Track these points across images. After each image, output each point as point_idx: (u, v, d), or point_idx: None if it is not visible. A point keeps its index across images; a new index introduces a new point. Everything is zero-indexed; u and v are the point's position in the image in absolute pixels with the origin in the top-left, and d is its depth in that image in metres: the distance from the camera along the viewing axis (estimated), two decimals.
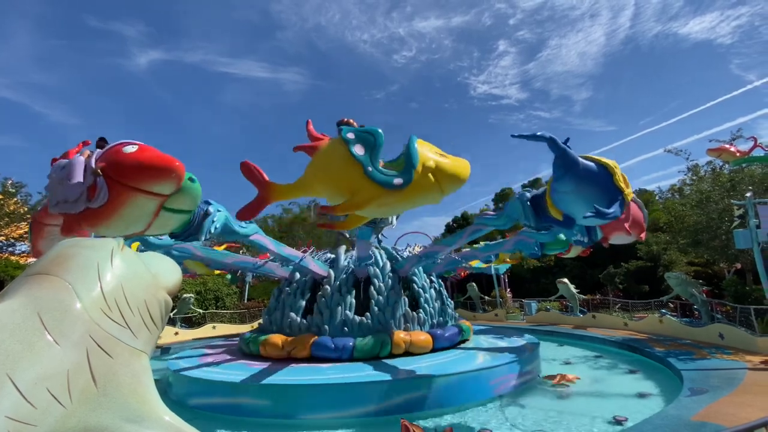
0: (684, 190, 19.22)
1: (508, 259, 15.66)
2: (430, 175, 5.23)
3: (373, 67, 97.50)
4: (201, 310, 20.72)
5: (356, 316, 9.37)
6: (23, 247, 21.47)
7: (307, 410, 6.88)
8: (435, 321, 10.17)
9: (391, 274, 10.25)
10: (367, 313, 9.45)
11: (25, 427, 1.61)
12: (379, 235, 12.86)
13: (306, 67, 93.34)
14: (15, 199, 20.44)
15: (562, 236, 8.64)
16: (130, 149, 4.32)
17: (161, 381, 8.59)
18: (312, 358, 8.75)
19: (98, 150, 4.61)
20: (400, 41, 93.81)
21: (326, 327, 9.27)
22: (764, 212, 10.87)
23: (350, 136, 5.37)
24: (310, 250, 11.99)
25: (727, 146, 11.53)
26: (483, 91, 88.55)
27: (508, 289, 25.08)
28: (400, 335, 9.05)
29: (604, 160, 6.18)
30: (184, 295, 19.43)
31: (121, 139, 4.57)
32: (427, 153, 5.36)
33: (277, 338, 9.28)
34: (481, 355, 8.97)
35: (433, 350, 9.29)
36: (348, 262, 10.60)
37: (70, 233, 4.28)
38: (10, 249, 21.27)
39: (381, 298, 9.70)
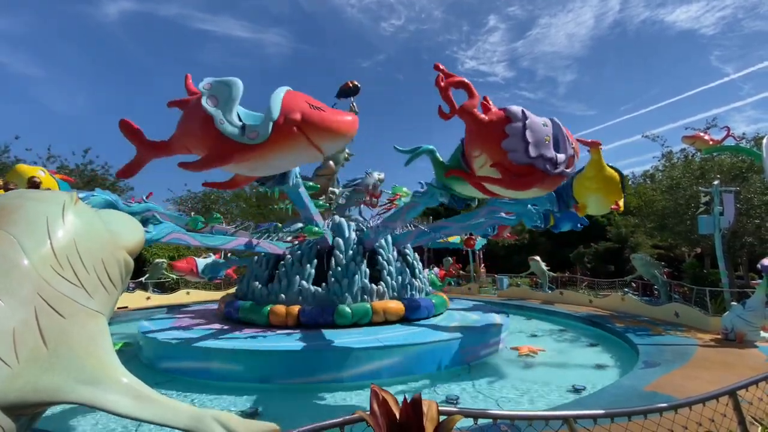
0: (656, 176, 19.85)
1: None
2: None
3: (360, 33, 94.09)
4: (174, 276, 20.32)
5: (311, 287, 9.41)
6: None
7: (275, 376, 6.97)
8: (396, 294, 10.09)
9: (355, 246, 10.14)
10: (324, 284, 9.48)
11: None
12: (350, 205, 12.82)
13: (289, 29, 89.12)
14: None
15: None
16: None
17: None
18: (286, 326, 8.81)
19: None
20: (389, 8, 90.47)
21: (282, 296, 9.40)
22: (728, 200, 11.34)
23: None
24: (267, 225, 11.62)
25: (702, 134, 11.81)
26: (470, 67, 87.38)
27: (483, 264, 25.77)
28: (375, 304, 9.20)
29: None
30: (156, 260, 18.97)
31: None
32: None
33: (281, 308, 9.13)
34: (451, 325, 9.21)
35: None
36: None
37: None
38: None
39: (339, 269, 9.67)
